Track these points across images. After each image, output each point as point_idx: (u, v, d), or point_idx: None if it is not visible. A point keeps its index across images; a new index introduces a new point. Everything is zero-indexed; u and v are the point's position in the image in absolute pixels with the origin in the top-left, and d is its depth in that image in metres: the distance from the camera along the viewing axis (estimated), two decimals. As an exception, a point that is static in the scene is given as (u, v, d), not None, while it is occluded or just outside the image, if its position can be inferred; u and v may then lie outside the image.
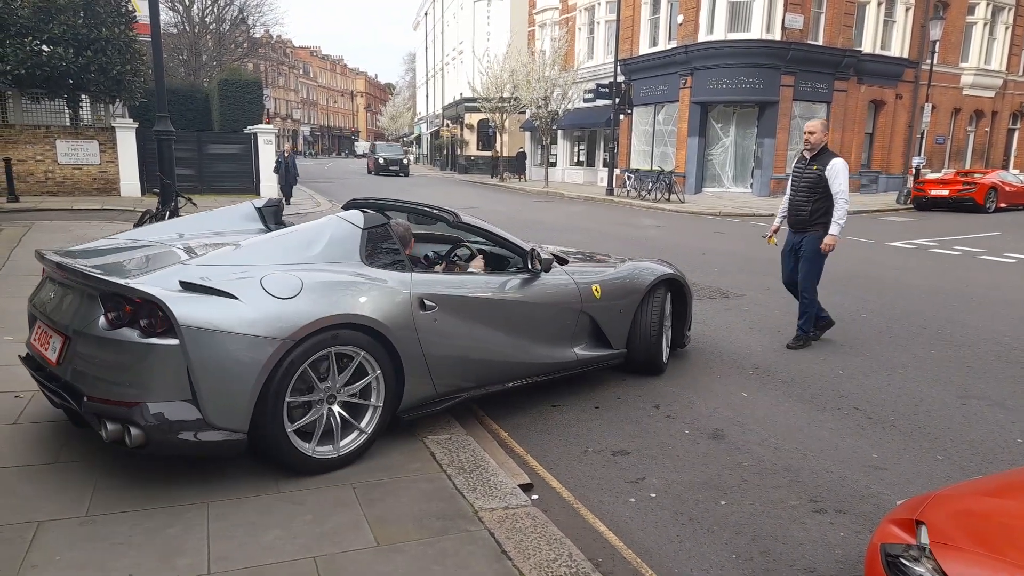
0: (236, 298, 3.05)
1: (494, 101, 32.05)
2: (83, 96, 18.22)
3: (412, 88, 77.76)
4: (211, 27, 39.90)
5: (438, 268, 4.53)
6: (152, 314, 2.92)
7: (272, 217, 4.69)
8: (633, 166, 27.11)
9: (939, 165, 28.92)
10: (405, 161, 39.60)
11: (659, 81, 25.74)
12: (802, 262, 5.97)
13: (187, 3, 38.07)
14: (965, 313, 7.58)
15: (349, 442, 3.41)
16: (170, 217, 9.02)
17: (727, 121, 24.34)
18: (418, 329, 3.57)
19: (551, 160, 33.13)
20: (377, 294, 3.45)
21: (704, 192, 24.37)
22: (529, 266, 4.28)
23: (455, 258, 4.92)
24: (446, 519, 2.96)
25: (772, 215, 18.67)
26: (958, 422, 4.49)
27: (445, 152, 47.92)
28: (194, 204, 10.69)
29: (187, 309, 2.92)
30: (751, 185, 24.24)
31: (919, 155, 23.65)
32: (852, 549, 3.03)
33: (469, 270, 4.51)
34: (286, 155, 17.14)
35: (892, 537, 2.06)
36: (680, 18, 24.42)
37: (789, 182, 6.16)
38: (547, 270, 4.34)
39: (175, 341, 2.89)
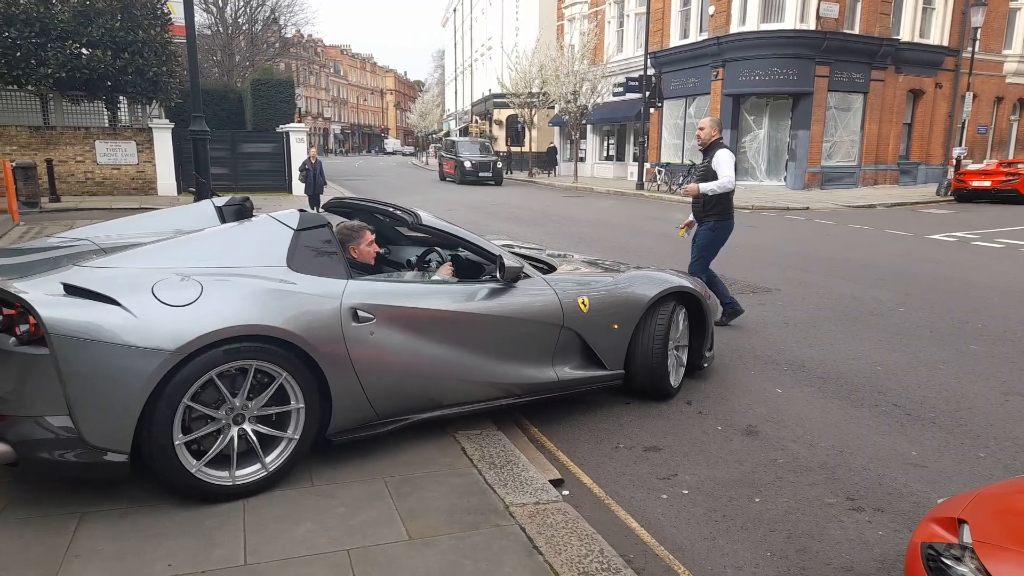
0: (119, 304, 2.74)
1: (523, 96, 31.98)
2: (121, 97, 18.66)
3: (441, 85, 78.04)
4: (244, 28, 40.51)
5: (409, 275, 4.04)
6: (27, 320, 2.69)
7: (232, 217, 4.19)
8: (664, 160, 26.85)
9: (981, 155, 28.14)
10: (499, 164, 29.01)
11: (690, 73, 25.43)
12: (696, 250, 6.43)
13: (220, 4, 38.70)
14: (1008, 308, 7.36)
15: (249, 473, 3.02)
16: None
17: (760, 113, 23.96)
18: (349, 343, 3.18)
19: (580, 155, 32.97)
20: (297, 303, 3.08)
21: (736, 185, 24.01)
22: (497, 275, 3.80)
23: (427, 264, 4.51)
24: (477, 514, 2.96)
25: (806, 207, 18.41)
26: (1001, 419, 4.37)
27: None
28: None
29: (59, 315, 2.64)
30: (785, 178, 23.83)
31: (960, 145, 23.03)
32: (891, 548, 2.97)
33: (433, 278, 3.99)
34: (312, 161, 15.59)
35: (933, 536, 2.01)
36: (712, 9, 24.09)
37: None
38: (513, 280, 3.79)
39: (46, 350, 2.63)
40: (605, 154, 33.72)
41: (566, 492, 3.36)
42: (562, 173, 34.64)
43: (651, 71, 25.43)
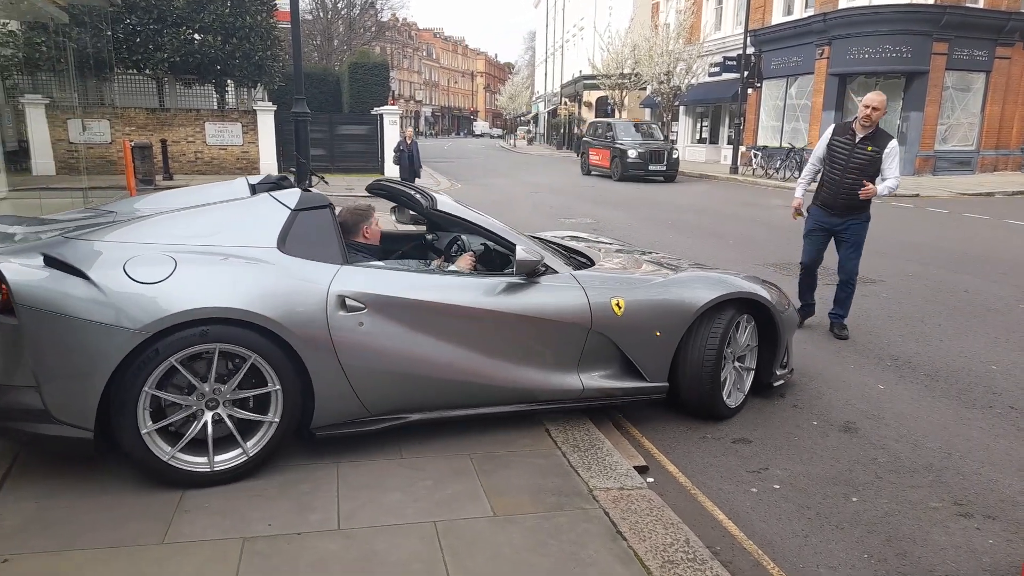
0: (88, 279, 2.71)
1: (614, 78, 31.46)
2: (228, 81, 19.62)
3: (531, 67, 77.79)
4: (342, 12, 41.67)
5: (436, 263, 3.87)
6: (2, 289, 2.69)
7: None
8: (760, 143, 25.80)
9: (1121, 139, 25.49)
10: (675, 154, 22.10)
11: (792, 52, 24.25)
12: (849, 249, 5.48)
13: (321, -10, 39.92)
14: None
15: (229, 459, 2.95)
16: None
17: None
18: (334, 333, 3.01)
19: (672, 138, 32.18)
20: (278, 286, 2.95)
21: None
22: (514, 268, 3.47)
23: (454, 253, 4.24)
24: (561, 495, 2.97)
25: (916, 195, 17.25)
26: None
27: (562, 131, 47.69)
28: (326, 183, 11.26)
29: (29, 286, 2.65)
30: (892, 163, 22.41)
31: (1097, 128, 20.95)
32: (1002, 558, 2.77)
33: (449, 268, 3.73)
34: (408, 141, 14.34)
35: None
36: (818, -16, 22.83)
37: (822, 156, 5.48)
38: (528, 274, 3.44)
39: (16, 320, 2.65)
40: (698, 136, 32.77)
41: (651, 479, 3.31)
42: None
43: (750, 50, 24.41)
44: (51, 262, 2.75)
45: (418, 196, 3.74)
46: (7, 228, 3.28)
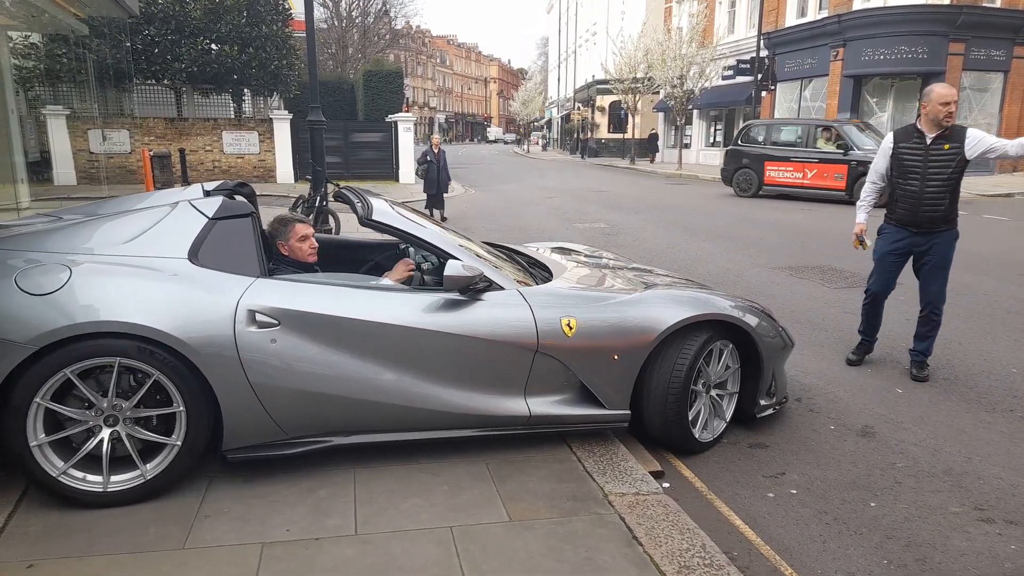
0: None
1: (627, 82, 31.45)
2: (245, 90, 19.88)
3: (544, 72, 77.94)
4: (357, 21, 41.98)
5: (346, 277, 3.50)
6: None
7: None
8: (775, 146, 25.65)
9: None
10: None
11: (806, 54, 24.13)
12: (933, 271, 4.63)
13: (335, -1, 40.29)
14: None
15: (127, 479, 2.83)
16: (321, 203, 9.62)
17: (883, 95, 22.42)
18: (242, 350, 2.84)
19: (685, 141, 32.08)
20: (184, 300, 2.83)
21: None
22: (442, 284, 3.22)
23: (422, 265, 3.98)
24: (576, 500, 2.98)
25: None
26: None
27: (575, 136, 47.72)
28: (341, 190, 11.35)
29: None
30: (910, 164, 22.19)
31: (1119, 127, 20.63)
32: (1025, 566, 2.74)
33: (382, 281, 3.47)
34: (436, 150, 12.26)
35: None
36: (832, -15, 22.71)
37: (884, 171, 4.73)
38: (459, 290, 3.18)
39: None
40: (711, 140, 32.64)
41: (666, 484, 3.31)
42: (666, 160, 33.86)
43: (764, 52, 24.34)
44: None
45: (358, 204, 3.51)
46: None
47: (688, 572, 2.49)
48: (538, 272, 3.98)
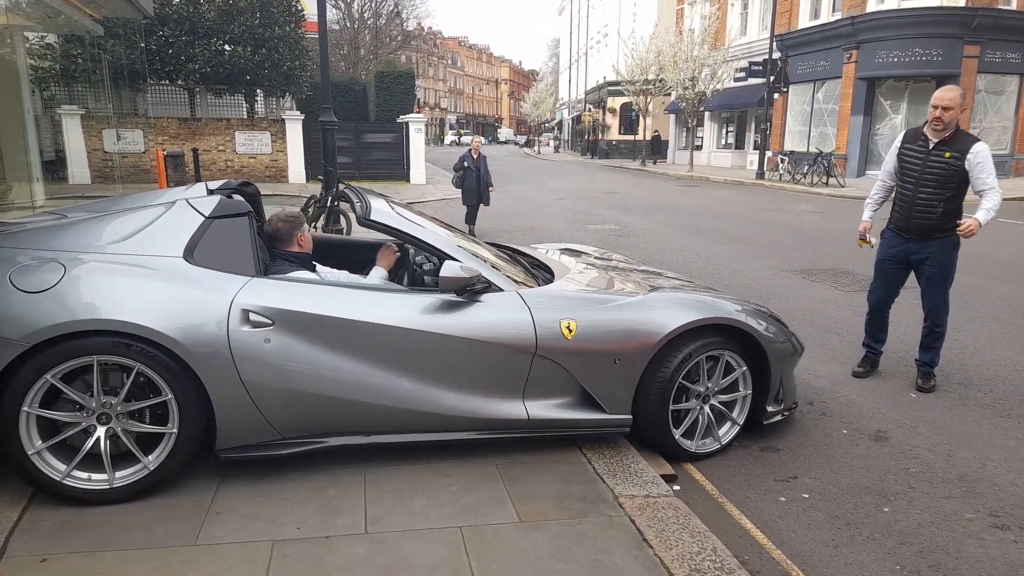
0: None
1: (638, 84, 31.38)
2: (257, 91, 19.99)
3: (555, 74, 77.94)
4: (369, 22, 42.16)
5: (344, 277, 3.50)
6: None
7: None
8: (787, 148, 25.54)
9: None
10: None
11: (819, 56, 24.00)
12: (931, 281, 4.49)
13: (348, 0, 40.45)
14: None
15: (131, 472, 2.84)
16: (333, 203, 9.65)
17: (897, 97, 22.26)
18: (235, 350, 2.84)
19: (697, 143, 31.98)
20: (177, 298, 2.84)
21: (867, 175, 22.48)
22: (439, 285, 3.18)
23: (416, 266, 3.99)
24: (586, 502, 2.97)
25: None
26: None
27: (586, 137, 47.67)
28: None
29: None
30: (924, 167, 22.01)
31: None
32: (1041, 573, 2.70)
33: (372, 279, 3.49)
34: (475, 155, 10.54)
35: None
36: (846, -13, 22.57)
37: (892, 170, 4.61)
38: (454, 291, 3.15)
39: None
40: (723, 142, 32.53)
41: (677, 487, 3.29)
42: (677, 161, 33.77)
43: (776, 54, 24.22)
44: None
45: (358, 204, 3.49)
46: None
47: (699, 575, 2.47)
48: (540, 274, 3.92)
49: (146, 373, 2.78)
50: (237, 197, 3.40)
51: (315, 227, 4.30)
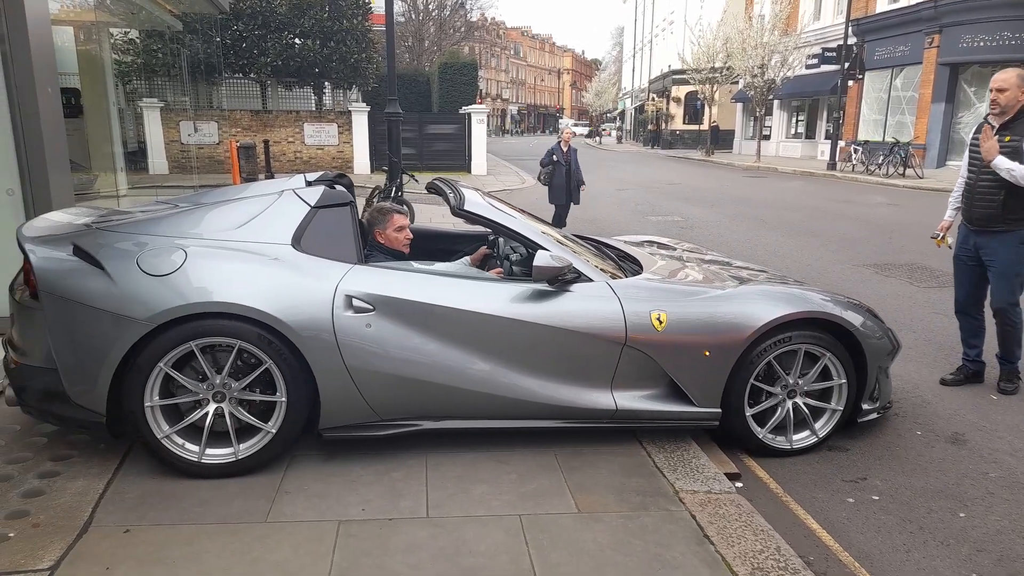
0: (103, 270, 2.87)
1: (704, 72, 30.68)
2: (325, 83, 20.43)
3: (618, 63, 76.92)
4: (433, 14, 42.51)
5: (441, 266, 3.52)
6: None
7: None
8: (861, 137, 24.54)
9: None
10: None
11: (898, 41, 22.92)
12: (995, 277, 4.27)
13: (413, -8, 40.89)
14: None
15: (219, 455, 3.00)
16: (397, 193, 9.82)
17: (983, 84, 21.04)
18: (339, 334, 2.97)
19: (765, 133, 31.07)
20: (286, 284, 2.97)
21: (948, 166, 21.42)
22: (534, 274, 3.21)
23: (495, 257, 4.02)
24: (646, 495, 2.95)
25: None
26: None
27: (649, 127, 46.92)
28: (416, 180, 11.53)
29: (52, 275, 2.86)
30: (1010, 158, 20.80)
31: None
32: None
33: (467, 269, 3.56)
34: (565, 148, 9.38)
35: None
36: (929, -32, 21.47)
37: (965, 160, 4.42)
38: (548, 281, 3.19)
39: (39, 306, 2.87)
40: (792, 131, 31.50)
41: (739, 484, 3.23)
42: (744, 152, 32.90)
43: (852, 40, 23.26)
44: (78, 252, 2.92)
45: (451, 194, 3.60)
46: (78, 219, 3.39)
47: (762, 574, 2.43)
48: (628, 265, 3.93)
49: (272, 371, 2.94)
50: (340, 188, 3.54)
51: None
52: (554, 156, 9.33)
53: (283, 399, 2.99)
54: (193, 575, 2.37)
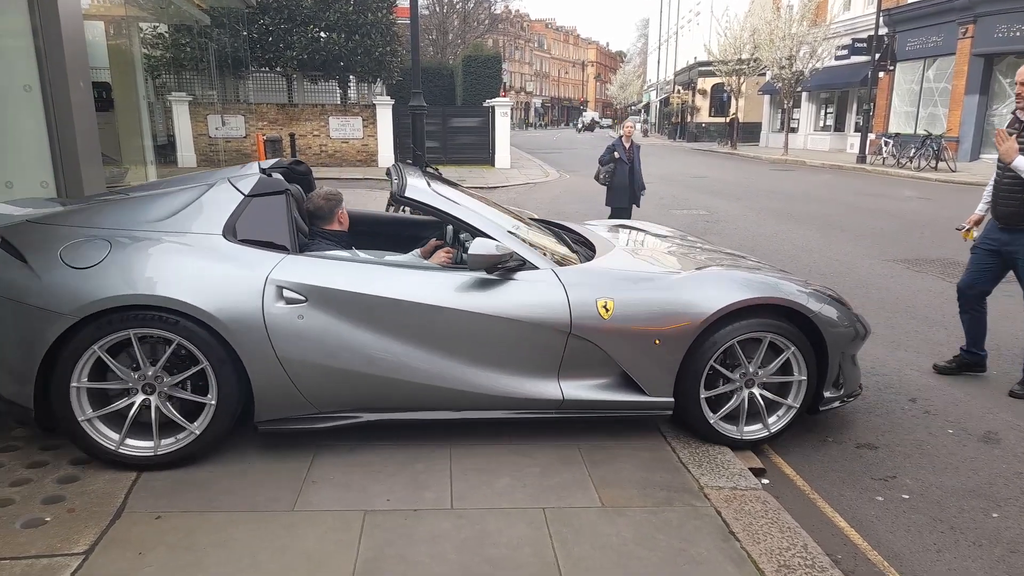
0: (26, 262, 2.86)
1: (731, 63, 30.29)
2: (350, 76, 20.53)
3: (643, 55, 76.29)
4: (457, 7, 42.46)
5: (376, 255, 3.38)
6: None
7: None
8: (892, 130, 24.09)
9: None
10: None
11: (931, 32, 22.43)
12: (1021, 273, 4.22)
13: (438, -15, 40.87)
14: None
15: (179, 438, 2.98)
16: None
17: (1019, 75, 20.53)
18: (270, 325, 2.91)
19: (792, 125, 30.62)
20: (214, 275, 2.92)
21: (982, 159, 20.92)
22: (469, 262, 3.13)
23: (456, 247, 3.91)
24: (670, 490, 2.93)
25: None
26: None
27: (674, 120, 46.50)
28: (439, 173, 11.58)
29: None
30: (1047, 151, 20.27)
31: None
32: None
33: (399, 258, 3.43)
34: (627, 144, 8.43)
35: None
36: (964, -44, 20.95)
37: (998, 158, 4.27)
38: (484, 269, 3.10)
39: None
40: (821, 124, 31.02)
41: (765, 481, 3.20)
42: (771, 144, 32.47)
43: (883, 30, 22.81)
44: (4, 246, 2.92)
45: (396, 180, 3.50)
46: (17, 211, 3.34)
47: (788, 572, 2.41)
48: (583, 251, 3.79)
49: (184, 344, 2.88)
50: (277, 175, 3.47)
51: (404, 211, 4.34)
52: (615, 153, 8.32)
53: (212, 402, 2.95)
54: (222, 560, 2.41)
